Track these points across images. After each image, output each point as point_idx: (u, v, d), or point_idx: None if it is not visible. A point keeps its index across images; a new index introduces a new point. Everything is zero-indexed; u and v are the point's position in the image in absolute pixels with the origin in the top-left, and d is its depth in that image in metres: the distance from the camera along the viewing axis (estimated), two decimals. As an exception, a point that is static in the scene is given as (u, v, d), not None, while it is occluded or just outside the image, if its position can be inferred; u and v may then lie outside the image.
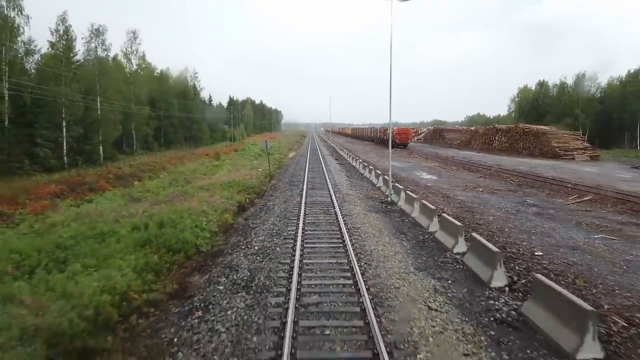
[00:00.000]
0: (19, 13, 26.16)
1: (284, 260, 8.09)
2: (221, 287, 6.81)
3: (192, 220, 10.95)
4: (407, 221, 12.10)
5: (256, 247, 9.05)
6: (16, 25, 26.16)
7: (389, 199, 15.24)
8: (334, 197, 15.12)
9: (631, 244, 10.12)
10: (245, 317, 5.69)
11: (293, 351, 4.71)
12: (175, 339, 5.40)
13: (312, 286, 6.73)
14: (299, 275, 7.13)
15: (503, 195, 17.61)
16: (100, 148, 34.53)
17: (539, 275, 6.08)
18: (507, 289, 6.91)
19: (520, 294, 6.69)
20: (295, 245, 8.89)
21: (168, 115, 53.71)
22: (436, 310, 5.99)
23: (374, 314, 5.62)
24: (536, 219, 12.93)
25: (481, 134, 59.87)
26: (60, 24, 30.10)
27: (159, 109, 50.98)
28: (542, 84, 71.00)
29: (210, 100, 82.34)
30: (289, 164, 32.92)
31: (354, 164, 30.17)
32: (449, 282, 7.23)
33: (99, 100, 34.25)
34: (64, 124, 29.64)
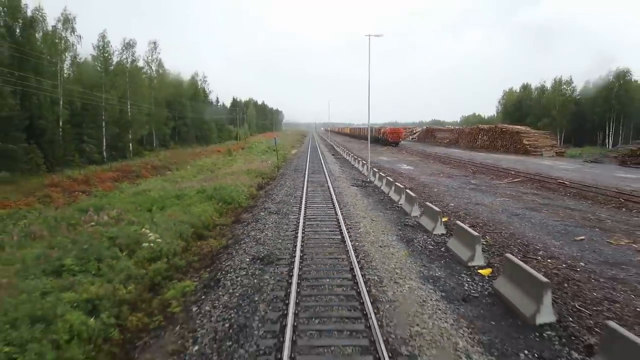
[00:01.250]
0: (72, 33, 31.98)
1: (295, 204, 13.80)
2: (263, 214, 12.52)
3: (233, 189, 16.63)
4: (376, 190, 17.81)
5: (278, 200, 14.78)
6: (70, 44, 32.03)
7: (367, 179, 20.93)
8: (328, 178, 20.80)
9: (518, 203, 15.74)
10: (279, 221, 11.43)
11: (304, 230, 10.38)
12: (244, 231, 11.06)
13: (312, 213, 12.44)
14: (305, 209, 12.82)
15: (456, 178, 23.29)
16: (130, 145, 40.24)
17: (429, 203, 11.77)
18: (419, 215, 12.58)
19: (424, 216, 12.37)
20: (302, 198, 14.58)
21: (182, 116, 59.38)
22: (376, 220, 11.70)
23: (343, 221, 11.28)
24: (468, 191, 18.59)
25: (467, 133, 65.47)
26: (101, 40, 35.88)
27: (175, 111, 56.64)
28: (525, 87, 76.63)
29: (217, 102, 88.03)
30: (293, 158, 38.62)
31: (347, 157, 35.88)
32: (388, 213, 12.94)
33: (129, 104, 39.94)
34: (103, 124, 35.33)
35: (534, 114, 67.94)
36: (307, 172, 23.68)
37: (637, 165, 32.71)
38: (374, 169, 22.52)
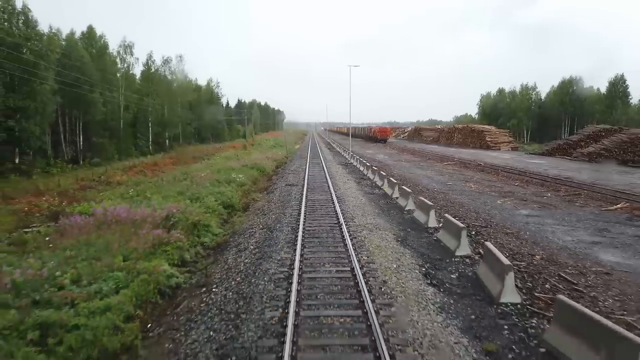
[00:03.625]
0: (130, 55, 42.23)
1: (302, 171, 24.15)
2: (285, 174, 22.86)
3: (263, 165, 26.90)
4: (354, 168, 28.11)
5: (292, 169, 25.13)
6: (131, 64, 42.26)
7: (349, 162, 31.22)
8: (323, 162, 31.07)
9: (435, 173, 25.96)
10: (295, 177, 21.81)
11: (308, 178, 20.68)
12: (277, 179, 21.36)
13: (312, 174, 22.77)
14: (308, 172, 23.14)
15: (412, 162, 33.55)
16: (167, 141, 50.47)
17: (374, 167, 22.08)
18: (371, 175, 22.87)
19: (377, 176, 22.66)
20: (306, 170, 24.86)
21: (201, 117, 69.53)
22: (346, 176, 22.07)
23: (328, 176, 21.57)
24: (413, 168, 28.82)
25: (446, 132, 75.57)
26: (149, 58, 46.13)
27: (196, 113, 66.79)
28: (500, 91, 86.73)
29: (227, 104, 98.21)
30: (297, 151, 48.95)
31: (339, 150, 46.21)
32: (355, 175, 23.28)
33: (166, 108, 50.14)
34: (150, 125, 45.55)
35: (505, 115, 78.11)
36: (308, 158, 33.98)
37: (564, 156, 42.87)
38: (356, 156, 32.79)
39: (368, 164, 24.63)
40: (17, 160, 26.19)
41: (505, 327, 5.77)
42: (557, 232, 11.32)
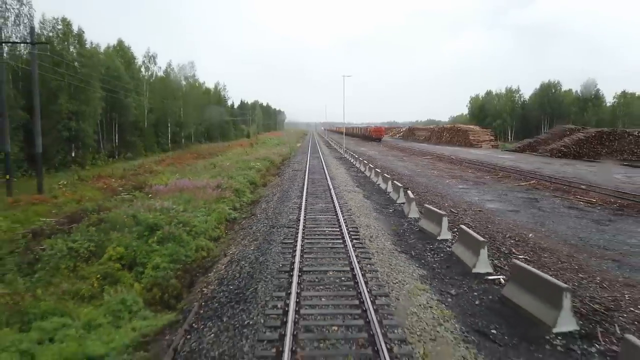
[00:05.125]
0: (154, 64, 48.41)
1: (304, 162, 30.34)
2: (291, 165, 29.05)
3: (273, 158, 33.07)
4: (346, 160, 34.29)
5: (296, 160, 31.43)
6: (154, 72, 48.43)
7: (343, 156, 37.40)
8: (321, 157, 37.24)
9: (412, 164, 32.15)
10: (299, 165, 28.04)
11: (309, 167, 26.86)
12: (285, 168, 27.55)
13: (312, 164, 28.97)
14: (309, 163, 29.34)
15: (397, 157, 39.71)
16: (183, 140, 56.62)
17: (360, 158, 28.26)
18: (358, 165, 29.06)
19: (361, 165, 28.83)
20: (307, 161, 31.03)
21: (210, 118, 75.67)
22: (339, 165, 28.27)
23: (325, 165, 27.74)
24: (396, 161, 34.96)
25: (436, 131, 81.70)
26: (168, 66, 52.38)
27: (205, 114, 72.92)
28: (488, 93, 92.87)
29: (233, 106, 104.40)
30: (299, 148, 55.13)
31: (336, 147, 52.39)
32: (346, 165, 29.51)
33: (182, 110, 56.26)
34: (169, 125, 51.71)
35: (492, 115, 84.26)
36: (309, 153, 40.19)
37: (532, 152, 48.92)
38: (349, 152, 38.96)
39: (357, 157, 30.84)
40: (73, 154, 32.34)
41: (405, 224, 11.94)
42: (471, 196, 17.47)
